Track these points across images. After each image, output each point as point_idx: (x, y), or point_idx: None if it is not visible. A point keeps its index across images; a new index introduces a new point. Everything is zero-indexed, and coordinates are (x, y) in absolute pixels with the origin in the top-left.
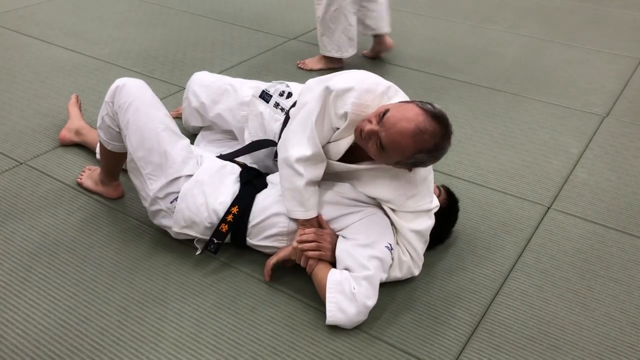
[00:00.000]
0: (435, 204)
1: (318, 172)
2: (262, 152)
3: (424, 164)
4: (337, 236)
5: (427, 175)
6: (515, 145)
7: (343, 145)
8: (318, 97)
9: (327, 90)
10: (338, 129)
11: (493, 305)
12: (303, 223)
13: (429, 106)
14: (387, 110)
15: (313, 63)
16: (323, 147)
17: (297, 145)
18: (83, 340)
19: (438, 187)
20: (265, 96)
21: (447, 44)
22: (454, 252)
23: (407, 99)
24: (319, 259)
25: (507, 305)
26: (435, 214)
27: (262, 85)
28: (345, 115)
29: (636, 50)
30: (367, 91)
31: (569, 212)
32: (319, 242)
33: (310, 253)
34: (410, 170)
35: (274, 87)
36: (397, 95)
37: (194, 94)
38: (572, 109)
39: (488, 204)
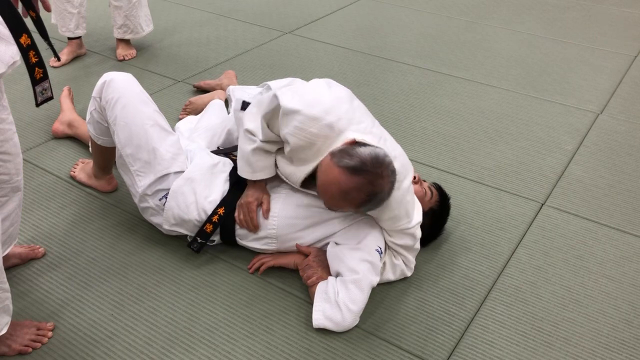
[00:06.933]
0: (414, 222)
1: (270, 146)
2: None
3: (374, 210)
4: (324, 251)
5: (402, 197)
6: (509, 142)
7: (301, 174)
8: (269, 102)
9: (277, 103)
10: (285, 140)
11: (487, 301)
12: (251, 184)
13: (346, 160)
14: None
15: (129, 52)
16: (283, 171)
17: (253, 120)
18: (76, 334)
19: (429, 186)
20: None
21: (442, 40)
22: (448, 248)
23: (365, 127)
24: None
25: (501, 301)
26: (427, 212)
27: (246, 95)
28: (286, 137)
29: (630, 48)
30: (312, 118)
31: (563, 209)
32: (318, 276)
33: (310, 282)
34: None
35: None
36: (350, 128)
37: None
38: (567, 106)
39: (482, 201)
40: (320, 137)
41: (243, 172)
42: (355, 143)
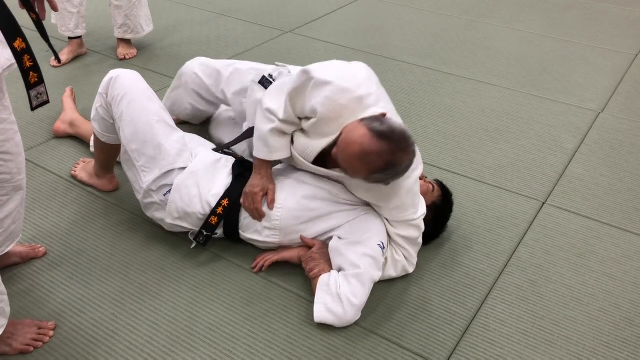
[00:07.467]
0: (420, 213)
1: (288, 127)
2: None
3: (386, 181)
4: (327, 244)
5: (412, 186)
6: (510, 141)
7: (317, 147)
8: (298, 79)
9: (309, 76)
10: (308, 118)
11: (488, 300)
12: (258, 164)
13: (376, 124)
14: (341, 133)
15: (130, 51)
16: (298, 146)
17: (274, 99)
18: (77, 332)
19: (432, 182)
20: (265, 82)
21: (443, 38)
22: (449, 246)
23: (391, 109)
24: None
25: (502, 299)
26: (430, 207)
27: (268, 68)
28: (315, 107)
29: (631, 46)
30: (343, 90)
31: (564, 208)
32: (320, 269)
33: (312, 274)
34: (386, 184)
35: (277, 71)
36: (378, 105)
37: (195, 75)
38: (568, 105)
39: (483, 199)
40: (348, 109)
41: (259, 153)
42: (385, 117)
